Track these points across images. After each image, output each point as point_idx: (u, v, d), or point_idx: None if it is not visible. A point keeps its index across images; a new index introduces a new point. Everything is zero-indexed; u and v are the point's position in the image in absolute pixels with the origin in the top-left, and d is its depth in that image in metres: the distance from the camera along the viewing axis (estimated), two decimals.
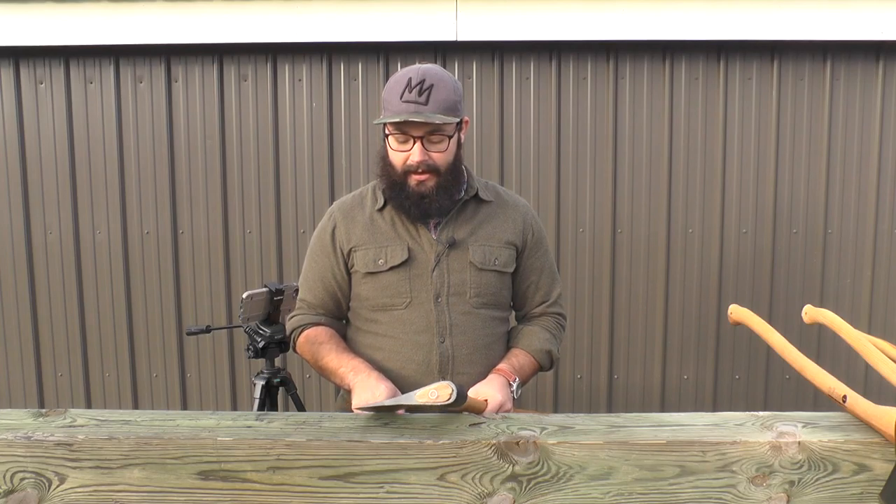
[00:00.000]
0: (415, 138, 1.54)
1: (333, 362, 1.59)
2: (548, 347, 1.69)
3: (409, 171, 1.57)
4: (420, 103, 1.51)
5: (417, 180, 1.57)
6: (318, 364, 1.63)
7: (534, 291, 1.74)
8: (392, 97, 1.54)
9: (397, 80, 1.55)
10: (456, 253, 1.63)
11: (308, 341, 1.66)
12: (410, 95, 1.51)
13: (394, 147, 1.58)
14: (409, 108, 1.51)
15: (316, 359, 1.63)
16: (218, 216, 2.96)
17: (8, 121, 2.92)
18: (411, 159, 1.55)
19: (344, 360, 1.58)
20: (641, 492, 0.91)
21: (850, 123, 2.90)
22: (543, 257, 1.75)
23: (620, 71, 2.89)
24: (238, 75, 2.91)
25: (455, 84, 1.58)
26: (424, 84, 1.51)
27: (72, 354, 3.03)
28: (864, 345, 1.10)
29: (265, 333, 1.78)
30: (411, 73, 1.54)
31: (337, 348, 1.62)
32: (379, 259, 1.62)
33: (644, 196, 2.94)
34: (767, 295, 2.96)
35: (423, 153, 1.55)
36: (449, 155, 1.59)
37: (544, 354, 1.69)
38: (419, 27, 2.74)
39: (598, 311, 2.98)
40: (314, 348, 1.63)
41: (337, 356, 1.60)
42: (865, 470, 0.92)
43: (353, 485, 0.92)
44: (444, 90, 1.53)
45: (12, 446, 0.91)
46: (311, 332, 1.67)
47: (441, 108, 1.52)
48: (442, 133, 1.56)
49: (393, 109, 1.53)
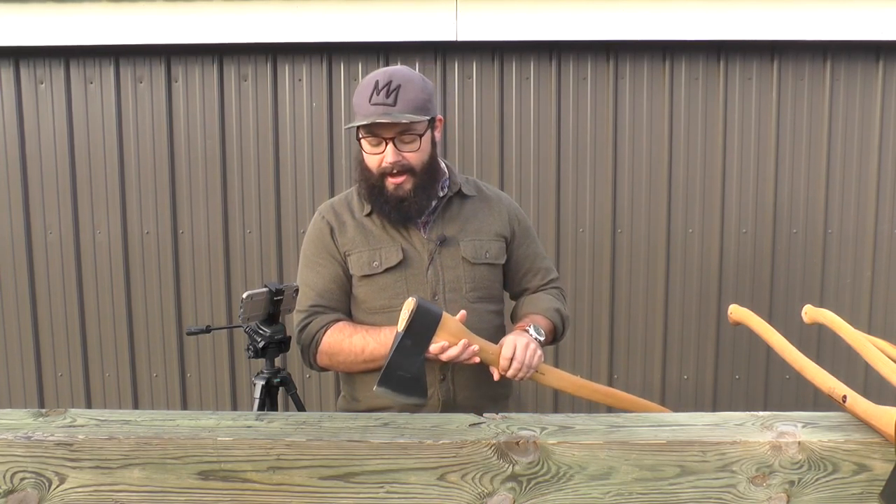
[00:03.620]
0: (386, 140, 1.55)
1: (378, 349, 1.52)
2: (555, 306, 1.73)
3: (385, 172, 1.57)
4: (388, 104, 1.51)
5: (394, 183, 1.57)
6: (360, 357, 1.56)
7: (532, 276, 1.79)
8: (361, 101, 1.55)
9: (365, 85, 1.56)
10: (448, 250, 1.64)
11: (336, 340, 1.58)
12: (378, 98, 1.52)
13: (367, 150, 1.59)
14: (377, 111, 1.51)
15: (356, 352, 1.56)
16: (218, 216, 2.95)
17: (8, 121, 2.92)
18: (385, 161, 1.56)
19: (383, 336, 1.53)
20: (641, 492, 0.91)
21: (850, 123, 2.90)
22: (533, 243, 1.80)
23: (620, 71, 2.89)
24: (238, 75, 2.91)
25: (424, 83, 1.58)
26: (391, 85, 1.52)
27: (72, 354, 3.02)
28: (863, 345, 1.10)
29: (265, 333, 1.77)
30: (378, 75, 1.55)
31: (367, 332, 1.57)
32: (373, 261, 1.62)
33: (644, 196, 2.94)
34: (767, 295, 2.96)
35: (395, 154, 1.55)
36: (423, 154, 1.60)
37: (553, 312, 1.70)
38: (419, 27, 2.74)
39: (598, 311, 2.98)
40: (347, 344, 1.57)
41: (374, 339, 1.54)
42: (865, 470, 0.92)
43: (353, 485, 0.92)
44: (412, 90, 1.54)
45: (12, 446, 0.91)
46: (335, 331, 1.59)
47: (409, 108, 1.52)
48: (413, 132, 1.56)
49: (362, 113, 1.54)
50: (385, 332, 1.55)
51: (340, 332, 1.59)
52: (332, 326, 1.61)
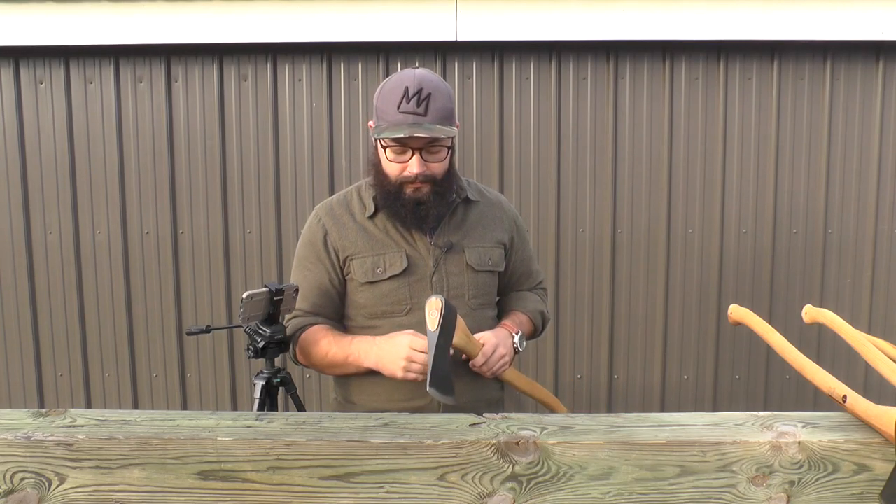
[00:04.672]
0: (413, 150, 1.51)
1: (339, 354, 1.56)
2: (540, 308, 1.82)
3: (406, 181, 1.54)
4: (419, 114, 1.47)
5: (413, 188, 1.55)
6: (323, 362, 1.60)
7: (524, 280, 1.84)
8: (388, 107, 1.49)
9: (392, 89, 1.50)
10: (452, 256, 1.63)
11: (306, 343, 1.63)
12: (409, 106, 1.47)
13: (390, 158, 1.54)
14: (408, 120, 1.47)
15: (319, 358, 1.60)
16: (218, 216, 2.95)
17: (8, 121, 2.92)
18: (409, 170, 1.52)
19: (345, 345, 1.56)
20: (641, 492, 0.91)
21: (850, 123, 2.90)
22: (527, 247, 1.84)
23: (620, 71, 2.89)
24: (238, 75, 2.91)
25: (449, 90, 1.56)
26: (422, 93, 1.47)
27: (72, 354, 3.02)
28: (863, 345, 1.10)
29: (265, 333, 1.77)
30: (407, 80, 1.49)
31: (334, 338, 1.59)
32: (378, 268, 1.60)
33: (644, 196, 2.94)
34: (767, 295, 2.96)
35: (421, 164, 1.51)
36: (446, 164, 1.58)
37: (538, 314, 1.80)
38: (419, 27, 2.74)
39: (598, 311, 2.98)
40: (312, 349, 1.61)
41: (338, 346, 1.57)
42: (865, 470, 0.92)
43: (353, 485, 0.91)
44: (441, 98, 1.50)
45: (12, 446, 0.91)
46: (308, 333, 1.63)
47: (440, 118, 1.49)
48: (441, 144, 1.53)
49: (391, 120, 1.49)
50: (348, 340, 1.57)
51: (313, 334, 1.62)
52: (309, 329, 1.63)
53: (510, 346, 1.61)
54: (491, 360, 1.54)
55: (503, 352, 1.57)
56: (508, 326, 1.67)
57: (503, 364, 1.57)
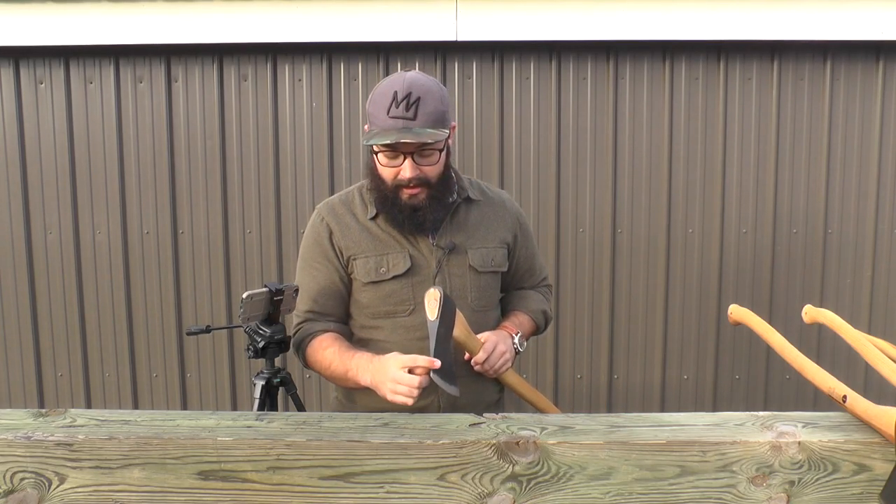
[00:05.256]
0: (405, 154, 1.50)
1: (339, 369, 1.56)
2: (543, 307, 1.82)
3: (401, 185, 1.54)
4: (408, 118, 1.46)
5: (409, 193, 1.54)
6: (327, 371, 1.60)
7: (528, 277, 1.83)
8: (378, 112, 1.49)
9: (382, 94, 1.49)
10: (455, 258, 1.63)
11: (314, 350, 1.61)
12: (397, 111, 1.46)
13: (382, 163, 1.54)
14: (397, 125, 1.46)
15: (324, 367, 1.60)
16: (218, 216, 2.95)
17: (8, 121, 2.92)
18: (402, 175, 1.52)
19: (346, 360, 1.55)
20: (641, 492, 0.91)
21: (850, 123, 2.90)
22: (531, 243, 1.83)
23: (620, 71, 2.89)
24: (238, 75, 2.91)
25: (442, 92, 1.54)
26: (411, 97, 1.46)
27: (72, 354, 3.02)
28: (864, 345, 1.10)
29: (265, 333, 1.77)
30: (396, 85, 1.48)
31: (338, 351, 1.58)
32: (381, 268, 1.60)
33: (644, 196, 2.94)
34: (767, 295, 2.96)
35: (413, 168, 1.51)
36: (440, 167, 1.57)
37: (539, 314, 1.79)
38: (419, 27, 2.73)
39: (598, 310, 2.98)
40: (319, 356, 1.60)
41: (340, 360, 1.56)
42: (865, 470, 0.92)
43: (353, 485, 0.91)
44: (431, 102, 1.48)
45: (12, 446, 0.91)
46: (316, 342, 1.62)
47: (430, 122, 1.48)
48: (432, 147, 1.52)
49: (380, 125, 1.48)
50: (349, 355, 1.55)
51: (320, 343, 1.60)
52: (318, 336, 1.61)
53: (510, 346, 1.60)
54: (492, 357, 1.54)
55: (504, 349, 1.56)
56: (508, 328, 1.66)
57: (505, 362, 1.57)
